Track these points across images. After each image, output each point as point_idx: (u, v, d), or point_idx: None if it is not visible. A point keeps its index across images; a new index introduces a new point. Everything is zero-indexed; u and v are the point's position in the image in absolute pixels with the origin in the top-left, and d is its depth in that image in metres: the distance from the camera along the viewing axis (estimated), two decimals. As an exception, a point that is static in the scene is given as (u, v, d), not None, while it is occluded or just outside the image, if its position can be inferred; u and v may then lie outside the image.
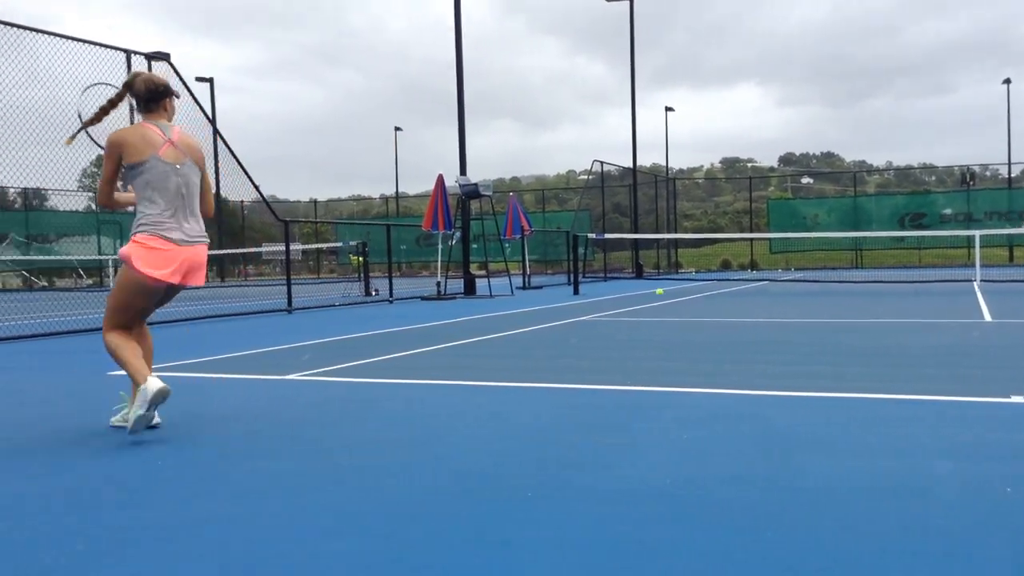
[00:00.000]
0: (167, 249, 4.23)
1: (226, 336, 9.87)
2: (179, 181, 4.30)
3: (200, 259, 4.38)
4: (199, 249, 4.37)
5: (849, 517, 2.68)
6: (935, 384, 5.25)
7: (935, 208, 34.40)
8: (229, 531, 2.69)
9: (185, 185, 4.33)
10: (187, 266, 4.30)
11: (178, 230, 4.28)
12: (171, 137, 4.33)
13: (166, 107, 4.42)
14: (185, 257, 4.28)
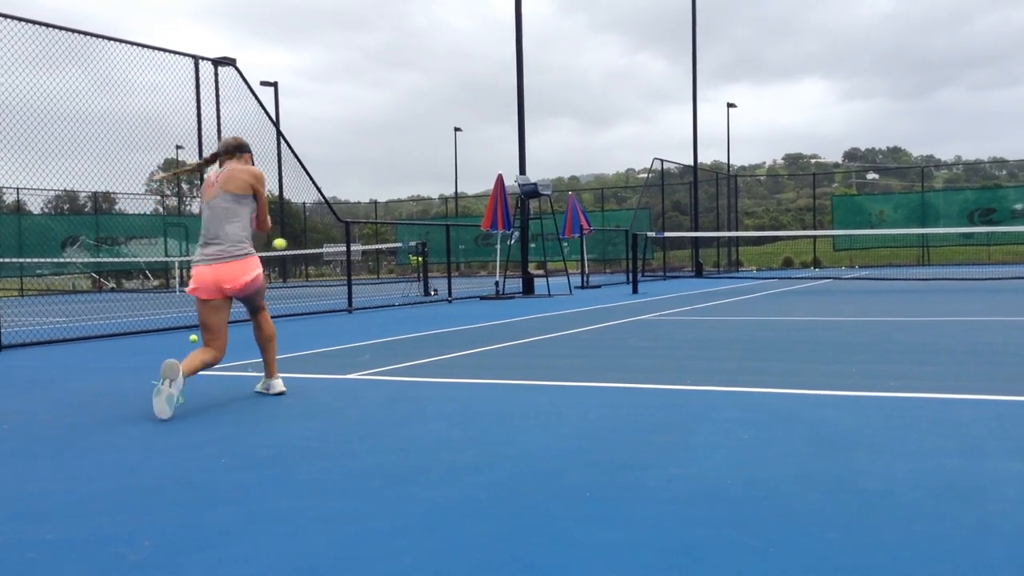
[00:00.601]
0: (194, 272, 5.27)
1: (288, 336, 10.02)
2: (208, 214, 5.26)
3: (224, 275, 5.17)
4: (219, 267, 5.18)
5: (913, 519, 2.63)
6: (1004, 384, 5.11)
7: (1006, 203, 33.39)
8: (298, 529, 2.75)
9: (212, 216, 5.23)
10: (211, 281, 5.16)
11: (201, 254, 5.24)
12: (214, 177, 5.31)
13: (246, 160, 5.48)
14: (207, 274, 5.17)
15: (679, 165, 33.03)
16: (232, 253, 5.22)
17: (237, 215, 5.27)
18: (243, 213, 5.30)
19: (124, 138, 11.39)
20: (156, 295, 23.48)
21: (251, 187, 5.31)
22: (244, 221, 5.30)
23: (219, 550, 2.56)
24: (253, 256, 5.34)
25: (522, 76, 19.00)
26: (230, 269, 5.21)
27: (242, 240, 5.28)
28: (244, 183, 5.28)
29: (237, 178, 5.27)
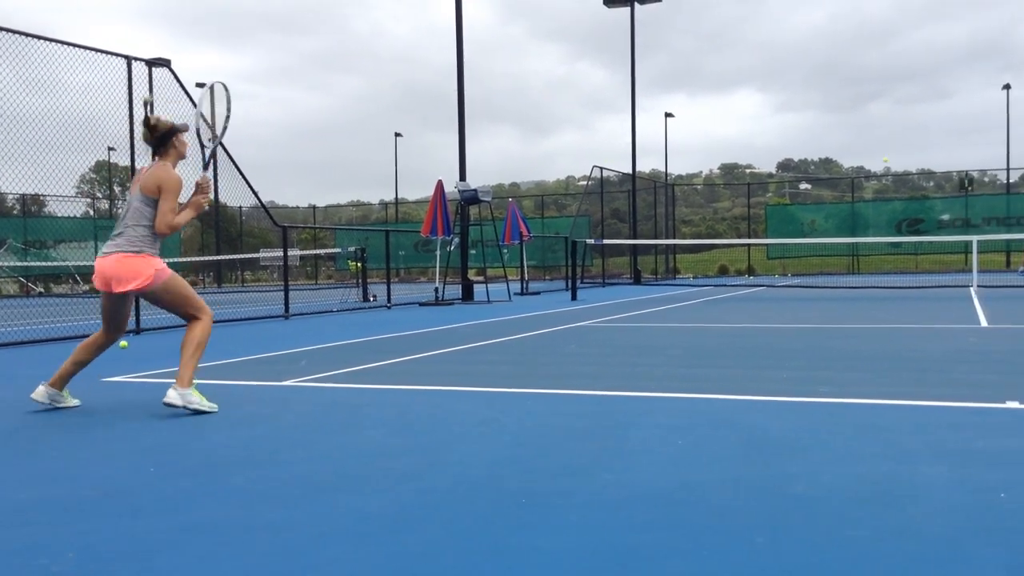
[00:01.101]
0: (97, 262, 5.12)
1: (221, 342, 9.86)
2: (124, 209, 5.16)
3: (105, 267, 5.00)
4: (109, 259, 5.00)
5: (841, 522, 2.69)
6: (929, 389, 5.26)
7: (933, 214, 34.42)
8: (227, 539, 2.70)
9: (125, 213, 5.10)
10: (101, 275, 5.03)
11: (105, 246, 5.09)
12: (142, 171, 5.17)
13: (175, 145, 5.17)
14: (98, 268, 5.05)
15: (618, 173, 33.35)
16: (126, 249, 5.01)
17: (145, 217, 5.06)
18: (150, 216, 5.08)
19: (54, 139, 11.11)
20: (86, 300, 22.87)
21: (157, 190, 5.04)
22: (151, 224, 5.07)
23: (145, 561, 2.50)
24: (148, 258, 5.04)
25: (463, 82, 19.00)
26: (108, 267, 5.01)
27: (142, 239, 5.04)
28: (152, 187, 5.04)
29: (151, 178, 5.05)
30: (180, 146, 5.19)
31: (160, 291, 5.06)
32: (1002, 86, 37.20)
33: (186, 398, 4.93)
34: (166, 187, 5.00)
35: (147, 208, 5.04)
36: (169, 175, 5.04)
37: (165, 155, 5.14)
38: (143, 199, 5.04)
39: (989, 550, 2.42)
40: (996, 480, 3.14)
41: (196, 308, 5.17)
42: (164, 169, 5.07)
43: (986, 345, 7.72)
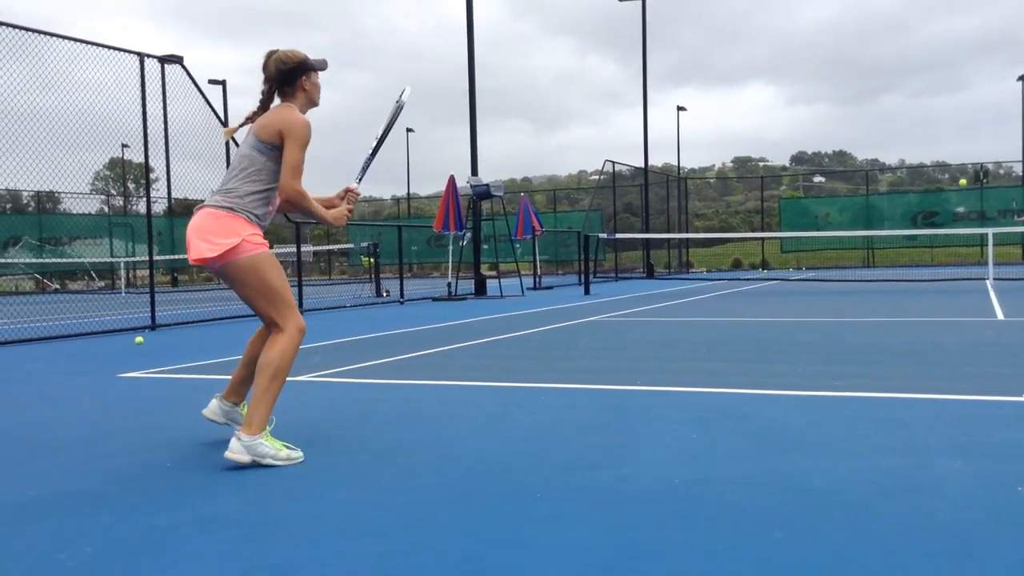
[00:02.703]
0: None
1: (236, 338, 9.89)
2: (233, 159, 3.92)
3: (197, 224, 3.78)
4: (199, 213, 3.82)
5: (857, 517, 2.68)
6: (946, 383, 5.23)
7: (948, 206, 34.21)
8: (244, 532, 2.71)
9: (234, 160, 3.90)
10: (190, 235, 3.81)
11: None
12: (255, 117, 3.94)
13: (304, 86, 3.94)
14: (189, 227, 3.83)
15: (630, 167, 33.28)
16: (221, 205, 3.77)
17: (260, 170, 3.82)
18: (265, 169, 3.82)
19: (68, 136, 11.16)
20: (101, 296, 23.01)
21: (278, 135, 3.79)
22: (262, 180, 3.82)
23: (163, 555, 2.51)
24: (240, 221, 3.75)
25: (474, 78, 19.00)
26: (203, 222, 3.76)
27: (245, 197, 3.78)
28: (275, 132, 3.79)
29: (272, 122, 3.82)
30: (312, 88, 3.96)
31: (242, 270, 3.74)
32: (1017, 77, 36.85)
33: (254, 450, 3.56)
34: (292, 132, 3.77)
35: (260, 156, 3.80)
36: (296, 116, 3.82)
37: (291, 96, 3.92)
38: (257, 144, 3.80)
39: (1008, 544, 2.40)
40: (1013, 473, 3.12)
41: (283, 312, 3.80)
42: (289, 110, 3.85)
43: (1003, 338, 7.66)
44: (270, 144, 3.79)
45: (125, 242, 31.81)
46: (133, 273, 32.40)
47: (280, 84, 3.92)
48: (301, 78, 3.93)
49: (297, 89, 3.93)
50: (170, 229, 30.43)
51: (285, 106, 3.90)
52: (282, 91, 3.93)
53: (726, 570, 2.28)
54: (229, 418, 4.11)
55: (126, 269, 30.12)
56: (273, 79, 3.91)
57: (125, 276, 29.63)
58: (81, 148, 11.48)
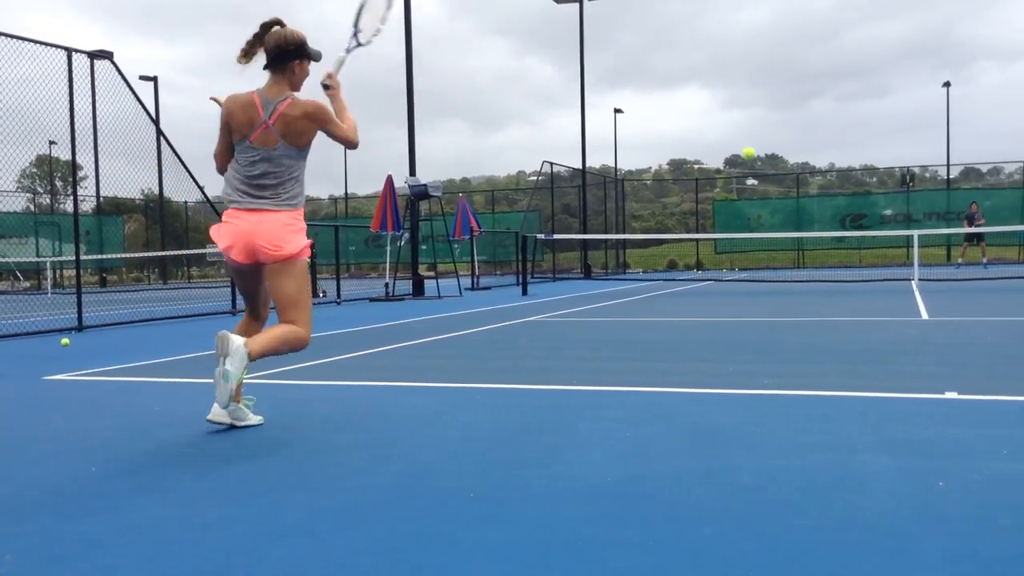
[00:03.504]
0: (228, 222, 3.98)
1: (168, 339, 9.71)
2: (265, 167, 4.00)
3: (253, 228, 3.92)
4: (256, 217, 3.92)
5: (786, 512, 2.74)
6: (872, 381, 5.37)
7: (875, 209, 35.10)
8: (173, 537, 2.66)
9: (270, 171, 4.00)
10: (244, 239, 3.93)
11: (241, 202, 3.99)
12: (269, 120, 3.96)
13: (294, 70, 4.04)
14: (241, 229, 3.94)
15: (568, 168, 33.46)
16: (285, 205, 4.00)
17: (301, 172, 4.09)
18: (303, 169, 4.11)
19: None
20: (27, 297, 22.33)
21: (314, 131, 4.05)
22: (303, 179, 4.10)
23: (88, 561, 2.45)
24: (303, 224, 4.08)
25: (412, 77, 18.91)
26: (256, 227, 3.93)
27: (298, 198, 4.09)
28: (303, 124, 4.01)
29: (300, 119, 3.99)
30: (300, 73, 4.07)
31: (299, 271, 4.07)
32: (942, 84, 38.05)
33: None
34: (323, 117, 4.02)
35: (301, 161, 4.06)
36: (313, 103, 4.03)
37: (278, 73, 4.03)
38: (298, 153, 4.03)
39: (929, 537, 2.48)
40: (935, 469, 3.22)
41: (308, 315, 4.21)
42: (301, 102, 4.02)
43: (927, 337, 7.90)
44: (307, 148, 4.07)
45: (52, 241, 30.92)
46: (60, 273, 31.52)
47: (272, 59, 3.99)
48: (294, 61, 4.01)
49: (287, 70, 4.01)
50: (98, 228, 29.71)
51: (294, 101, 3.99)
52: (271, 64, 4.01)
53: (659, 565, 2.31)
54: (235, 417, 4.17)
55: (52, 269, 29.28)
56: (268, 51, 4.00)
57: (52, 276, 28.81)
58: (6, 145, 11.13)
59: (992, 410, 4.39)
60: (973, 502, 2.80)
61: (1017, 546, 2.39)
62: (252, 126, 3.99)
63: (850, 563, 2.29)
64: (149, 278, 37.87)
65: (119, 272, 36.05)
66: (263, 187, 4.02)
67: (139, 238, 38.12)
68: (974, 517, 2.64)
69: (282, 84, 4.04)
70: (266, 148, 3.98)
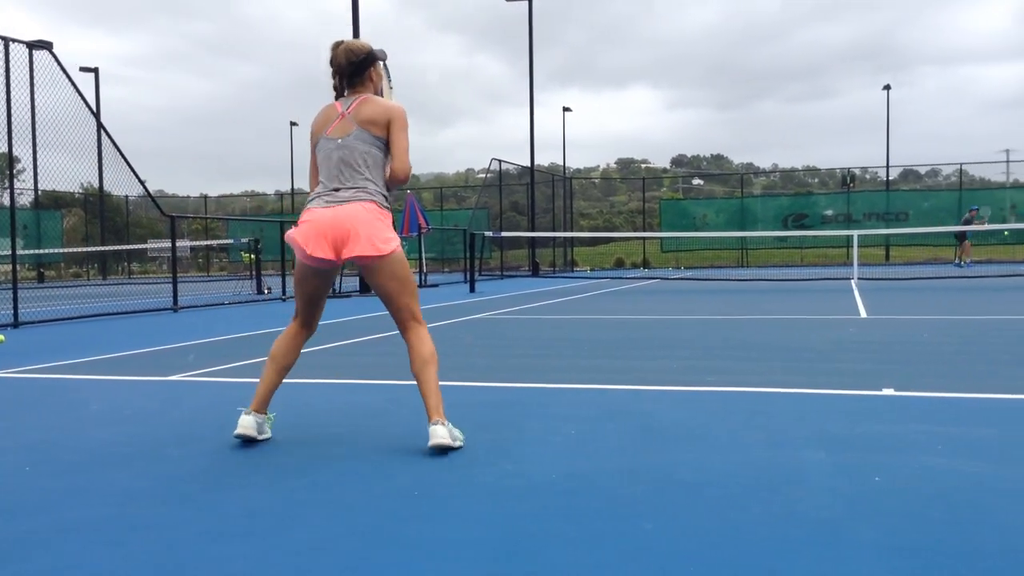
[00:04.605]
0: (310, 220, 3.81)
1: (107, 336, 9.52)
2: (341, 154, 3.84)
3: (344, 218, 3.73)
4: (340, 209, 3.75)
5: (725, 508, 2.77)
6: (812, 378, 5.47)
7: (817, 209, 35.77)
8: (107, 538, 2.60)
9: (348, 156, 3.83)
10: (332, 232, 3.73)
11: (324, 198, 3.83)
12: (347, 110, 3.88)
13: (371, 77, 3.98)
14: (327, 222, 3.74)
15: (517, 166, 33.52)
16: (375, 199, 3.83)
17: (379, 164, 3.90)
18: (383, 163, 3.92)
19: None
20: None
21: (387, 127, 3.87)
22: (383, 174, 3.92)
23: (19, 563, 2.39)
24: (390, 218, 3.92)
25: (359, 72, 18.73)
26: (347, 218, 3.73)
27: (383, 193, 3.90)
28: (386, 121, 3.87)
29: (378, 113, 3.85)
30: (377, 78, 4.01)
31: (397, 263, 3.83)
32: (882, 87, 38.85)
33: (453, 432, 3.72)
34: (400, 120, 3.87)
35: (377, 151, 3.87)
36: (397, 106, 3.93)
37: (360, 86, 3.95)
38: (374, 140, 3.85)
39: (864, 531, 2.53)
40: (871, 463, 3.29)
41: (418, 304, 3.97)
42: (384, 101, 3.94)
43: (865, 335, 8.07)
44: (383, 138, 3.87)
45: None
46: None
47: (350, 75, 3.93)
48: (370, 68, 3.96)
49: (366, 79, 3.96)
50: (36, 222, 28.98)
51: (375, 98, 3.92)
52: (351, 81, 3.95)
53: (599, 561, 2.33)
54: (261, 431, 3.91)
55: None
56: (344, 70, 3.92)
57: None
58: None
59: (927, 406, 4.49)
60: (907, 496, 2.86)
61: (949, 539, 2.45)
62: (328, 123, 3.91)
63: (788, 557, 2.33)
64: (88, 274, 37.06)
65: (57, 267, 35.23)
66: None
67: (78, 233, 37.29)
68: (908, 511, 2.70)
69: (367, 90, 3.98)
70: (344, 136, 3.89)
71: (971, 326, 8.73)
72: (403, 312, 3.90)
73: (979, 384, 5.13)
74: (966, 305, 11.61)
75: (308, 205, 3.90)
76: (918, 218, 33.34)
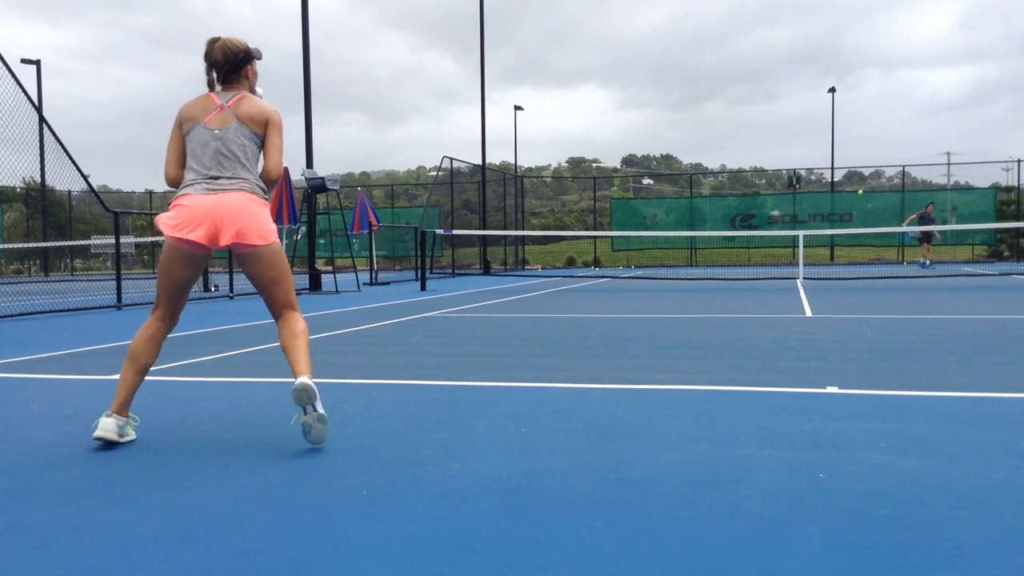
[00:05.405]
0: (189, 205, 3.79)
1: (48, 334, 9.29)
2: (218, 145, 3.88)
3: (230, 206, 3.78)
4: (228, 196, 3.79)
5: (672, 505, 2.79)
6: (758, 376, 5.54)
7: (764, 210, 36.27)
8: (47, 541, 2.54)
9: (225, 149, 3.87)
10: (210, 217, 3.75)
11: (202, 185, 3.83)
12: (226, 103, 3.94)
13: (247, 74, 4.06)
14: (208, 207, 3.76)
15: (468, 164, 33.47)
16: (240, 186, 3.87)
17: (255, 159, 3.99)
18: (258, 159, 4.02)
19: None
20: None
21: (264, 126, 3.98)
22: (257, 170, 4.03)
23: (-48, 570, 2.32)
24: (267, 205, 4.00)
25: (309, 67, 18.57)
26: (232, 205, 3.79)
27: (260, 183, 3.99)
28: (265, 121, 3.98)
29: (258, 113, 3.96)
30: (253, 76, 4.10)
31: (275, 254, 3.89)
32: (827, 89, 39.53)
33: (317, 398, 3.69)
34: (276, 121, 3.99)
35: (253, 146, 3.96)
36: (273, 108, 4.03)
37: (236, 83, 4.02)
38: (251, 135, 3.94)
39: (809, 527, 2.57)
40: (816, 461, 3.34)
41: (295, 295, 4.04)
42: (262, 102, 4.04)
43: (810, 333, 8.20)
44: (260, 136, 3.97)
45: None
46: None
47: (227, 71, 4.00)
48: (246, 66, 4.05)
49: (242, 76, 4.04)
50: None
51: (253, 97, 4.03)
52: (227, 77, 4.01)
53: (547, 560, 2.33)
54: (123, 434, 3.82)
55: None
56: (220, 65, 3.99)
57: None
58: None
59: (871, 404, 4.58)
60: (851, 493, 2.91)
61: (892, 535, 2.49)
62: (206, 112, 3.94)
63: (733, 553, 2.35)
64: (30, 270, 36.19)
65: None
66: None
67: (19, 228, 36.38)
68: (852, 507, 2.75)
69: (243, 88, 4.06)
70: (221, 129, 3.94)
71: (913, 325, 8.92)
72: (281, 301, 3.96)
73: (921, 382, 5.24)
74: (909, 305, 11.86)
75: (184, 191, 3.88)
76: (862, 219, 34.00)
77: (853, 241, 34.48)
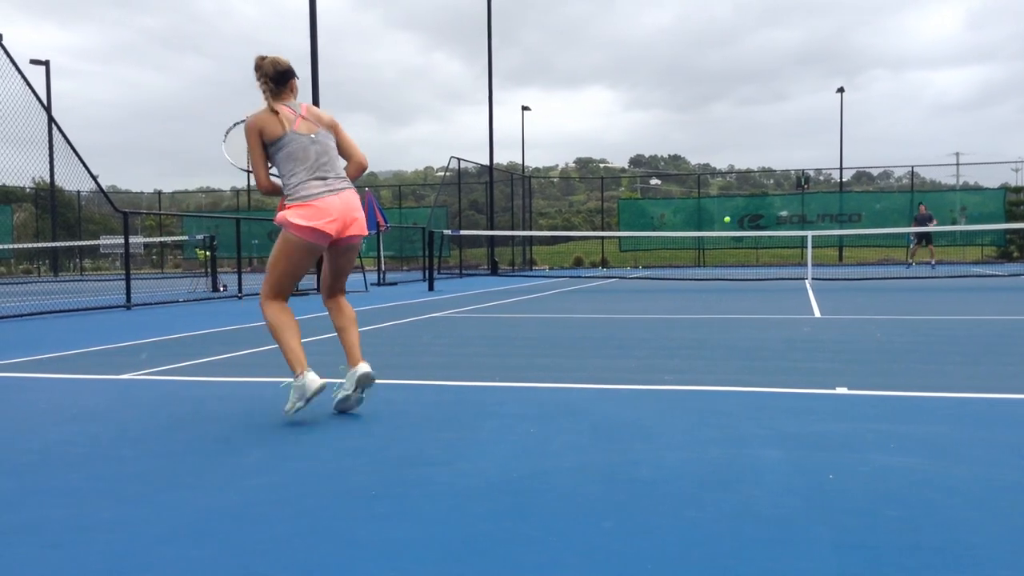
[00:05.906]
0: (317, 204, 4.32)
1: (57, 334, 9.33)
2: (317, 148, 4.42)
3: (352, 203, 4.45)
4: (347, 194, 4.42)
5: (681, 506, 2.79)
6: (767, 376, 5.53)
7: (772, 210, 36.18)
8: (58, 540, 2.55)
9: (324, 152, 4.44)
10: (341, 214, 4.37)
11: (323, 186, 4.37)
12: (301, 112, 4.47)
13: (292, 87, 4.55)
14: (337, 206, 4.35)
15: (476, 165, 33.47)
16: (351, 186, 4.53)
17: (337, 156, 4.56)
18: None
19: None
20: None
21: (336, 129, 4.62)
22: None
23: (-36, 568, 2.33)
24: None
25: (316, 68, 18.59)
26: (354, 202, 4.48)
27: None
28: (334, 124, 4.61)
29: (326, 118, 4.57)
30: (296, 89, 4.62)
31: (359, 244, 4.64)
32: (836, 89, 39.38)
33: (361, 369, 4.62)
34: (339, 123, 4.62)
35: (336, 148, 4.58)
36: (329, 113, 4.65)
37: (284, 95, 4.51)
38: (331, 137, 4.54)
39: (818, 528, 2.56)
40: (826, 462, 3.33)
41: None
42: (317, 108, 4.65)
43: (819, 334, 8.18)
44: (334, 137, 4.55)
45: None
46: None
47: (276, 83, 4.46)
48: (292, 79, 4.53)
49: (287, 89, 4.51)
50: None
51: (310, 105, 4.56)
52: (277, 90, 4.47)
53: (557, 560, 2.33)
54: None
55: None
56: (271, 78, 4.44)
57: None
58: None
59: (880, 405, 4.56)
60: (861, 494, 2.90)
61: (903, 536, 2.49)
62: (289, 121, 4.41)
63: (743, 554, 2.35)
64: (39, 270, 36.32)
65: (7, 264, 34.52)
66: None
67: (29, 228, 36.53)
68: (862, 509, 2.74)
69: (289, 99, 4.53)
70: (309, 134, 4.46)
71: (923, 326, 8.89)
72: (342, 285, 4.80)
73: (931, 383, 5.23)
74: (918, 305, 11.82)
75: (311, 193, 4.33)
76: (871, 219, 33.90)
77: (862, 242, 34.35)
